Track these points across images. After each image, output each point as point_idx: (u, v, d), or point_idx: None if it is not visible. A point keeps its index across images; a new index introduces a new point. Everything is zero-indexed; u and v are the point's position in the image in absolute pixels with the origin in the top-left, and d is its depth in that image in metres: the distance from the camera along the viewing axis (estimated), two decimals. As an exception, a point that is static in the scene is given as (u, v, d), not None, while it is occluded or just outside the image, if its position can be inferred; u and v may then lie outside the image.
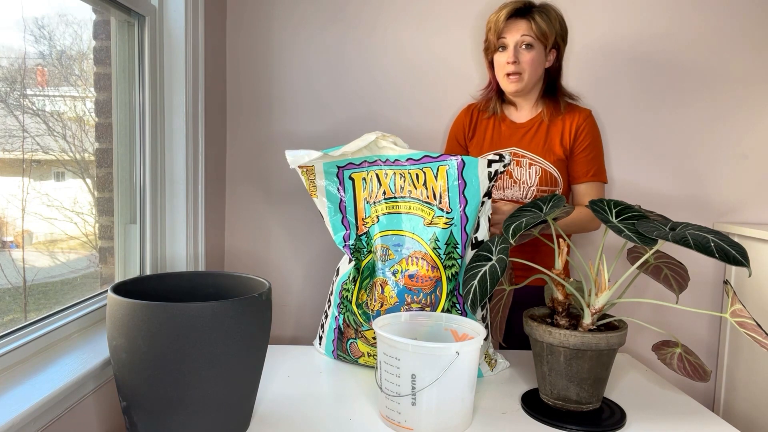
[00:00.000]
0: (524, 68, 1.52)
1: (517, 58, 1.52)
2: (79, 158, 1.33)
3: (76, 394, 1.01)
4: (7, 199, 1.12)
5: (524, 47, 1.51)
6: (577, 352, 1.01)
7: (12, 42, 1.10)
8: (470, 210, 1.21)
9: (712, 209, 2.02)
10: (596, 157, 1.58)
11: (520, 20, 1.51)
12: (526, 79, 1.53)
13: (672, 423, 1.06)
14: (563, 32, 1.56)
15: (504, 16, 1.51)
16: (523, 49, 1.52)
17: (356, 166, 1.28)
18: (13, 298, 1.11)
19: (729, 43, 1.96)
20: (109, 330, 0.91)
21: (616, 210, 1.02)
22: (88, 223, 1.37)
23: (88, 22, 1.34)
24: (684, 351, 1.02)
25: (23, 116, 1.15)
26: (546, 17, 1.51)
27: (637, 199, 2.00)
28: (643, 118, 1.99)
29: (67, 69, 1.30)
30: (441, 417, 0.97)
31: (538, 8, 1.52)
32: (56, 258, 1.28)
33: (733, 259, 0.88)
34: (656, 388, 1.23)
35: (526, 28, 1.50)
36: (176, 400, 0.88)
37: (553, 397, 1.07)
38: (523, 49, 1.52)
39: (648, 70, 1.97)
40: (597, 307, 1.03)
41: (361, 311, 1.25)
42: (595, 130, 1.59)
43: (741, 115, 1.99)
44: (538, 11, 1.51)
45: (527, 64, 1.52)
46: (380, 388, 1.01)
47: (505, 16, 1.51)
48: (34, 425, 0.89)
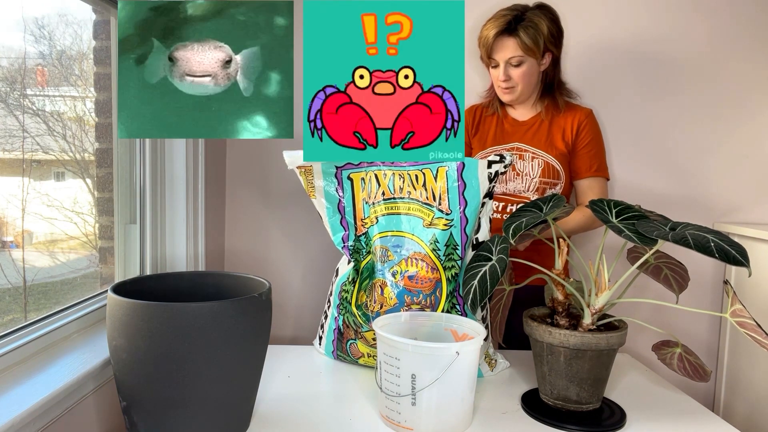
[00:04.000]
0: (516, 82, 1.56)
1: (508, 75, 1.54)
2: (79, 158, 1.33)
3: (76, 394, 1.01)
4: (7, 199, 1.12)
5: (514, 65, 1.53)
6: (577, 352, 1.01)
7: (12, 42, 1.10)
8: (470, 211, 1.21)
9: (712, 209, 2.02)
10: (598, 153, 1.61)
11: (507, 39, 1.51)
12: (519, 91, 1.57)
13: (672, 423, 1.06)
14: (558, 34, 1.55)
15: (492, 36, 1.51)
16: (512, 67, 1.54)
17: (355, 166, 1.27)
18: (13, 298, 1.11)
19: (729, 43, 1.96)
20: (109, 330, 0.91)
21: (616, 210, 1.02)
22: (88, 223, 1.37)
23: (88, 22, 1.34)
24: (684, 351, 1.02)
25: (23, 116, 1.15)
26: (533, 29, 1.49)
27: (637, 199, 2.00)
28: (643, 118, 1.98)
29: (67, 69, 1.30)
30: (441, 417, 0.97)
31: (524, 21, 1.50)
32: (56, 258, 1.28)
33: (733, 259, 0.88)
34: (656, 388, 1.23)
35: (513, 48, 1.51)
36: (176, 400, 0.88)
37: (553, 397, 1.07)
38: (512, 66, 1.54)
39: (648, 70, 1.97)
40: (597, 307, 1.03)
41: (360, 312, 1.25)
42: (597, 127, 1.62)
43: (741, 115, 1.99)
44: (524, 26, 1.49)
45: (519, 78, 1.55)
46: (380, 388, 1.01)
47: (493, 36, 1.51)
48: (34, 425, 0.89)
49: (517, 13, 1.51)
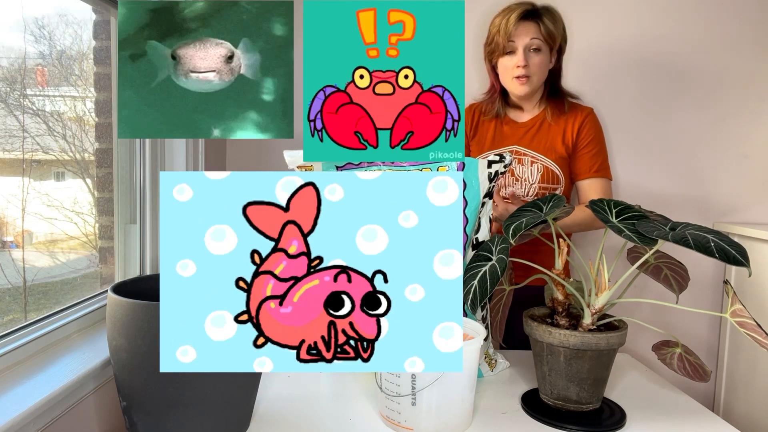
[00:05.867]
0: (534, 71, 1.52)
1: (527, 61, 1.50)
2: (79, 158, 1.33)
3: (76, 394, 1.01)
4: (7, 199, 1.12)
5: (533, 50, 1.51)
6: (577, 352, 1.01)
7: (12, 42, 1.10)
8: (470, 211, 1.21)
9: (712, 209, 2.02)
10: (599, 152, 1.59)
11: (529, 23, 1.50)
12: (534, 82, 1.53)
13: (672, 423, 1.06)
14: (565, 34, 1.57)
15: (514, 19, 1.49)
16: (531, 53, 1.51)
17: (355, 166, 1.27)
18: (13, 298, 1.11)
19: (729, 43, 1.96)
20: (109, 330, 0.91)
21: (616, 210, 1.02)
22: (88, 223, 1.37)
23: (88, 22, 1.34)
24: (684, 351, 1.02)
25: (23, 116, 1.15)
26: (553, 19, 1.51)
27: (637, 199, 2.00)
28: (643, 119, 1.98)
29: (67, 69, 1.30)
30: (441, 417, 0.97)
31: (545, 10, 1.52)
32: (56, 258, 1.28)
33: (733, 259, 0.87)
34: (656, 388, 1.23)
35: (536, 31, 1.49)
36: (176, 400, 0.88)
37: (553, 397, 1.07)
38: (531, 52, 1.51)
39: (648, 71, 1.97)
40: (597, 307, 1.03)
41: (361, 311, 1.25)
42: (598, 126, 1.60)
43: (741, 115, 1.99)
44: (546, 13, 1.51)
45: (536, 67, 1.52)
46: (380, 388, 1.01)
47: (516, 18, 1.49)
48: (34, 425, 0.89)
49: (534, 4, 1.52)
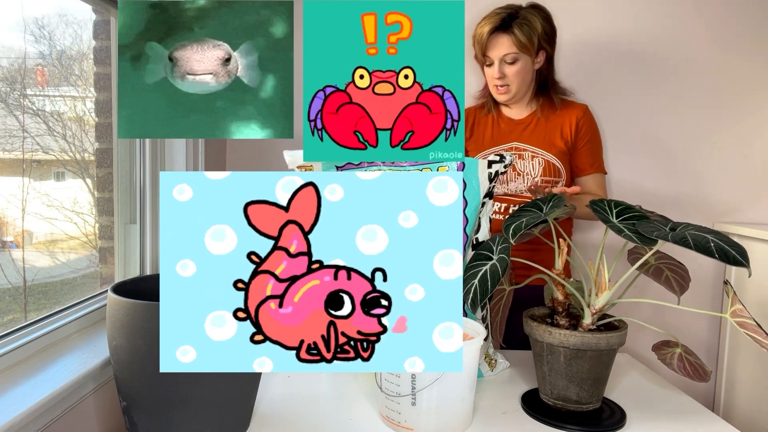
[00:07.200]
0: (511, 80, 1.56)
1: (503, 72, 1.55)
2: (79, 158, 1.33)
3: (76, 394, 1.01)
4: (7, 199, 1.12)
5: (507, 63, 1.54)
6: (577, 352, 1.01)
7: (12, 42, 1.10)
8: (470, 211, 1.21)
9: (712, 209, 2.02)
10: (597, 148, 1.65)
11: (501, 35, 1.52)
12: (514, 90, 1.58)
13: (672, 423, 1.06)
14: (551, 32, 1.57)
15: (486, 34, 1.52)
16: (506, 64, 1.54)
17: (355, 166, 1.27)
18: (13, 298, 1.11)
19: (728, 43, 1.96)
20: (109, 330, 0.91)
21: (616, 210, 1.02)
22: (88, 223, 1.37)
23: (88, 22, 1.34)
24: (684, 351, 1.02)
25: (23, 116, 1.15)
26: (528, 27, 1.51)
27: (637, 199, 2.00)
28: (642, 119, 1.98)
29: (67, 69, 1.30)
30: (441, 417, 0.97)
31: (518, 19, 1.52)
32: (56, 258, 1.28)
33: (733, 259, 0.87)
34: (656, 388, 1.23)
35: (508, 45, 1.52)
36: (176, 400, 0.88)
37: (553, 397, 1.07)
38: (506, 64, 1.54)
39: (645, 70, 1.97)
40: (597, 307, 1.03)
41: (361, 311, 1.25)
42: (594, 122, 1.66)
43: (741, 115, 1.99)
44: (519, 23, 1.51)
45: (514, 77, 1.56)
46: (380, 388, 1.01)
47: (487, 33, 1.52)
48: (34, 425, 0.89)
49: (511, 12, 1.53)
